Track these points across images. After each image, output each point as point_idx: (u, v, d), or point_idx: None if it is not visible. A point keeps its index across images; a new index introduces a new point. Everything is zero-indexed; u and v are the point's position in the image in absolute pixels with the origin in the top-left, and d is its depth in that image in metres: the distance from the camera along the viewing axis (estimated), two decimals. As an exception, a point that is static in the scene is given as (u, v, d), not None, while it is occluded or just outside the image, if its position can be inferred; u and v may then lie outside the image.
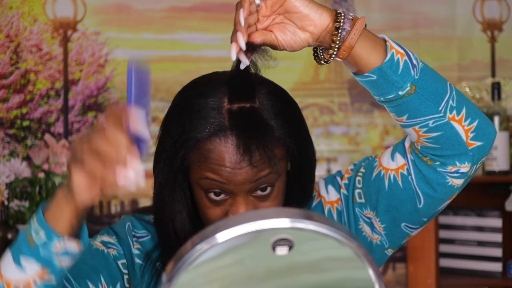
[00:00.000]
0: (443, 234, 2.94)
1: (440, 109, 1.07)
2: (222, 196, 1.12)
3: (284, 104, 1.14)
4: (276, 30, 1.04)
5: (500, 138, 2.77)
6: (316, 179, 1.25)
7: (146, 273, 1.20)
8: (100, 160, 0.88)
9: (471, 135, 1.09)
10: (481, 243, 2.90)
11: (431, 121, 1.07)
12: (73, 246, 0.98)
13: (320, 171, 3.36)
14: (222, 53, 2.99)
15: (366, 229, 1.19)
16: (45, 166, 2.67)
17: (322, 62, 1.07)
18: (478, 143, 1.10)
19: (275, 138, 1.11)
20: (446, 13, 3.25)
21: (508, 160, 2.78)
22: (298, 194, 1.20)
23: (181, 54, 3.12)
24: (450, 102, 1.08)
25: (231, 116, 1.09)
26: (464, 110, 1.09)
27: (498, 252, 2.86)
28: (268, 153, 1.09)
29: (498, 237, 2.87)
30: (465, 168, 1.10)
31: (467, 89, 3.00)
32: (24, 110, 3.06)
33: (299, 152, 1.15)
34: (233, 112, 1.10)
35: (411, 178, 1.13)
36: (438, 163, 1.10)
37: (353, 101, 3.22)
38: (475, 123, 1.09)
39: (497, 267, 2.86)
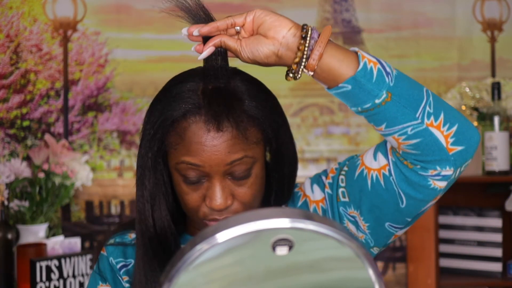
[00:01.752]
0: (443, 234, 2.94)
1: (417, 115, 1.07)
2: (199, 180, 1.14)
3: (259, 91, 1.16)
4: (243, 39, 1.10)
5: (500, 138, 2.77)
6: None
7: None
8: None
9: (451, 140, 1.09)
10: (481, 243, 2.90)
11: (409, 129, 1.08)
12: None
13: (320, 171, 3.35)
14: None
15: (351, 227, 1.20)
16: (45, 166, 2.67)
17: (291, 74, 1.09)
18: (459, 148, 1.10)
19: (250, 117, 1.13)
20: (446, 13, 3.25)
21: (508, 160, 2.78)
22: (277, 185, 1.22)
23: (181, 54, 3.12)
24: (427, 108, 1.08)
25: (205, 95, 1.12)
26: (442, 116, 1.09)
27: (498, 252, 2.87)
28: (240, 125, 1.11)
29: (498, 237, 2.87)
30: (447, 171, 1.10)
31: (467, 89, 3.00)
32: (24, 110, 3.06)
33: (275, 137, 1.16)
34: (208, 92, 1.13)
35: (393, 179, 1.13)
36: (419, 166, 1.11)
37: (353, 101, 3.22)
38: (454, 128, 1.09)
39: (497, 267, 2.86)
